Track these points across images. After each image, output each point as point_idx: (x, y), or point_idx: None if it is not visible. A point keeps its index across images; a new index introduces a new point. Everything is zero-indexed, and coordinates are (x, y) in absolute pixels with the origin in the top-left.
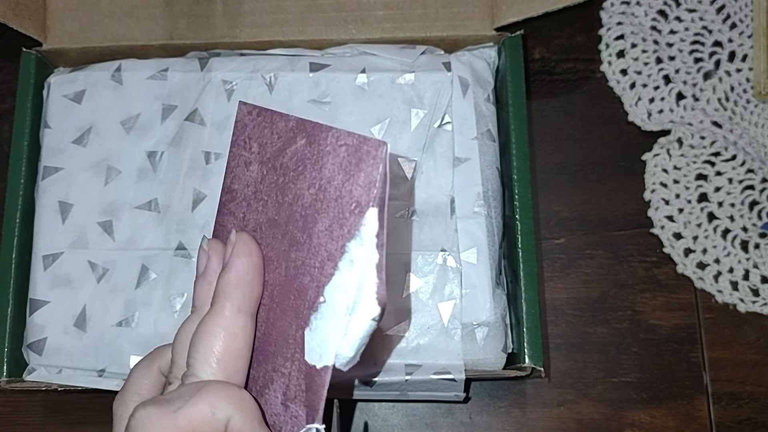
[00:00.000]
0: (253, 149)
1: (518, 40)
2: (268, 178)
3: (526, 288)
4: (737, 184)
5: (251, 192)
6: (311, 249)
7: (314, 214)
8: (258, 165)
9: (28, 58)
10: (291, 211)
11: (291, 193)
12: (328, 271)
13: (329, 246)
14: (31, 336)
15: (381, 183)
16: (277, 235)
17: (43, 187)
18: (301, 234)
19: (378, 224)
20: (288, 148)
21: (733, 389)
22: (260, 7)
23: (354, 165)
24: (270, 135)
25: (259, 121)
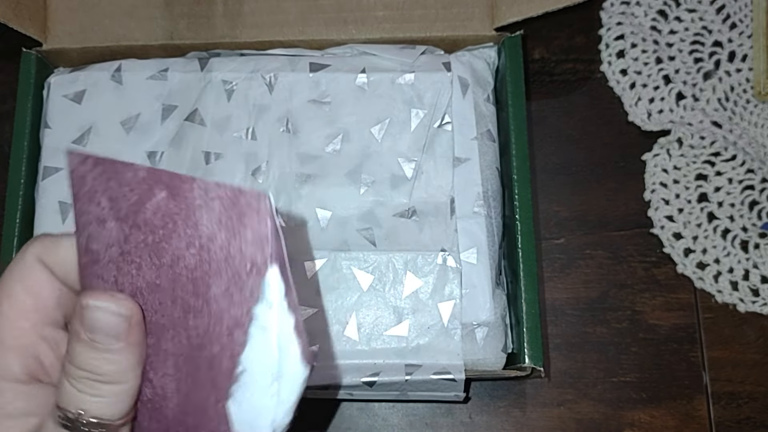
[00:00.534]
0: (102, 204)
1: (518, 41)
2: (134, 237)
3: (526, 288)
4: (737, 184)
5: (117, 253)
6: (212, 315)
7: (203, 276)
8: (115, 222)
9: (29, 58)
10: (174, 274)
11: (168, 254)
12: (239, 339)
13: (232, 311)
14: None
15: (274, 238)
16: (165, 300)
17: (44, 187)
18: (195, 299)
19: (284, 283)
20: (147, 202)
21: (732, 389)
22: (260, 8)
23: (236, 221)
24: (119, 188)
25: (101, 172)
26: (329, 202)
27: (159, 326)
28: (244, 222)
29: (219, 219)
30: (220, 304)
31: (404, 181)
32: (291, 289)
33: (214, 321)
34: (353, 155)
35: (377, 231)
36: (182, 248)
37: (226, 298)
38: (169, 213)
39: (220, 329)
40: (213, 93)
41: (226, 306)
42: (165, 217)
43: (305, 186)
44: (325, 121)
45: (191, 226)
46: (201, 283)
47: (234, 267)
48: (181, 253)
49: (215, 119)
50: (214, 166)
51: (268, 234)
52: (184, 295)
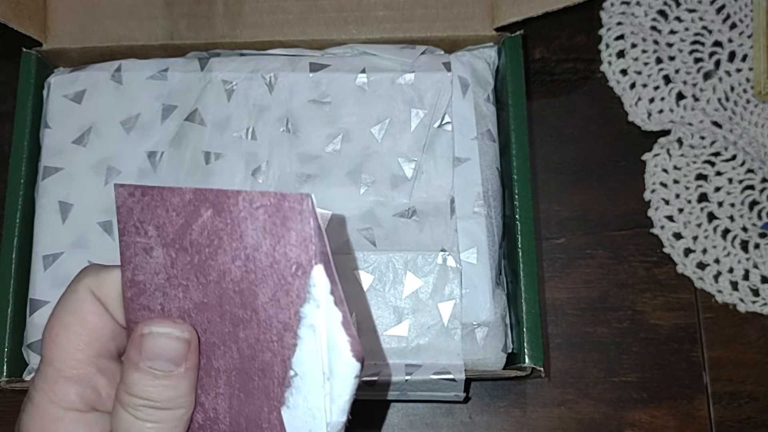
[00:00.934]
0: (149, 233)
1: (518, 40)
2: (180, 260)
3: (526, 288)
4: (737, 184)
5: (163, 279)
6: (261, 324)
7: (250, 287)
8: (162, 249)
9: (29, 58)
10: (221, 289)
11: (214, 271)
12: (290, 343)
13: (281, 316)
14: (31, 336)
15: (317, 237)
16: (214, 317)
17: (44, 187)
18: (243, 311)
19: (329, 280)
20: (193, 224)
21: (733, 389)
22: (261, 8)
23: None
24: (166, 214)
25: (147, 201)
26: (329, 202)
27: (209, 345)
28: (287, 225)
29: (264, 227)
30: (268, 311)
31: (404, 181)
32: (336, 285)
33: (263, 329)
34: (353, 155)
35: (377, 231)
36: (228, 262)
37: (274, 304)
38: (215, 230)
39: (270, 336)
40: (213, 93)
41: (274, 312)
42: (211, 235)
43: (305, 186)
44: (325, 121)
45: (236, 239)
46: (248, 293)
47: (279, 272)
48: (226, 267)
49: (215, 119)
50: (214, 166)
51: (311, 233)
52: (232, 308)
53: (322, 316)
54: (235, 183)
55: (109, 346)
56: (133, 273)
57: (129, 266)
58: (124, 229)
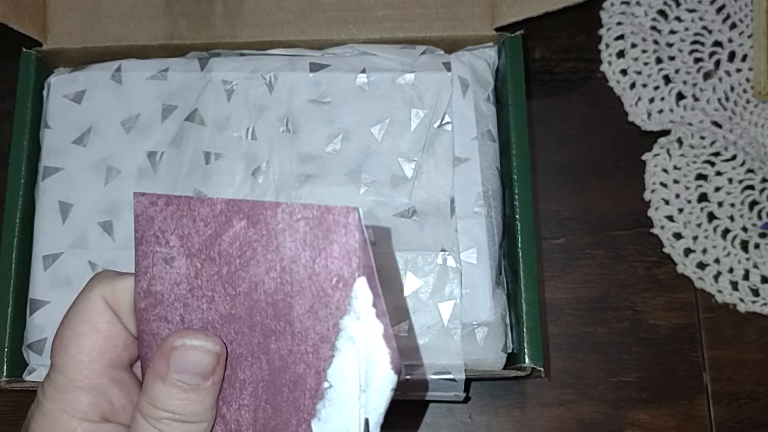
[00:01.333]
0: (171, 243)
1: (518, 40)
2: (206, 271)
3: (526, 288)
4: (737, 184)
5: (185, 290)
6: (296, 335)
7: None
8: (185, 259)
9: (28, 58)
10: (251, 300)
11: (244, 282)
12: (326, 354)
13: (318, 328)
14: (31, 336)
15: (362, 250)
16: (242, 329)
17: (43, 187)
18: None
19: (372, 293)
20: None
21: (733, 389)
22: (260, 7)
23: (322, 238)
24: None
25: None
26: (329, 202)
27: (235, 356)
28: (330, 238)
29: (304, 239)
30: (304, 322)
31: (404, 181)
32: (379, 297)
33: (297, 341)
34: (353, 155)
35: (377, 231)
36: (261, 273)
37: (311, 316)
38: (248, 241)
39: (305, 347)
40: (213, 93)
41: (310, 324)
42: (243, 246)
43: (305, 186)
44: (325, 121)
45: (272, 251)
46: (282, 305)
47: (319, 284)
48: (259, 278)
49: (215, 119)
50: (214, 166)
51: (356, 246)
52: (264, 319)
53: (363, 328)
54: (235, 183)
55: (121, 356)
56: (150, 283)
57: (145, 276)
58: (142, 238)
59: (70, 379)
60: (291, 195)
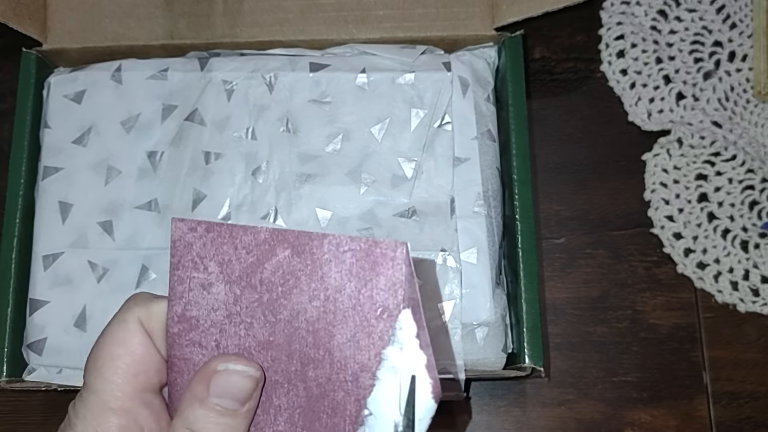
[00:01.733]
0: (210, 269)
1: (518, 40)
2: (246, 298)
3: (526, 288)
4: (737, 184)
5: (222, 316)
6: (335, 364)
7: (326, 327)
8: (224, 285)
9: (29, 57)
10: (291, 328)
11: (285, 310)
12: (366, 383)
13: (359, 357)
14: (31, 336)
15: (408, 283)
16: (279, 356)
17: (43, 187)
18: (316, 351)
19: (416, 325)
20: (266, 262)
21: (733, 388)
22: (260, 7)
23: (368, 270)
24: (233, 251)
25: (212, 238)
26: (329, 201)
27: (271, 383)
28: (377, 270)
29: (350, 270)
30: (344, 351)
31: (404, 181)
32: (423, 329)
33: (337, 369)
34: (353, 155)
35: (377, 231)
36: (304, 302)
37: (352, 345)
38: (291, 270)
39: (344, 376)
40: (213, 93)
41: (351, 353)
42: (286, 275)
43: (305, 186)
44: (326, 121)
45: (316, 280)
46: (323, 333)
47: (362, 314)
48: (302, 307)
49: (215, 119)
50: (214, 165)
51: (402, 279)
52: (303, 348)
53: (406, 359)
54: (235, 183)
55: (153, 379)
56: (185, 308)
57: (180, 301)
58: (178, 263)
59: (102, 401)
60: (291, 195)
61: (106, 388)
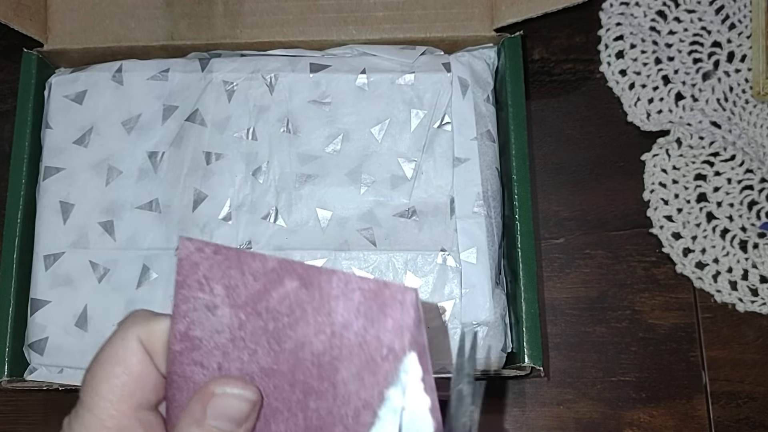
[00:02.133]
0: (216, 291)
1: (518, 41)
2: (251, 324)
3: (525, 288)
4: (736, 184)
5: (226, 339)
6: (338, 398)
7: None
8: (230, 309)
9: (29, 58)
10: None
11: (291, 340)
12: (366, 420)
13: (362, 394)
14: (32, 335)
15: (415, 327)
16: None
17: (45, 187)
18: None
19: (422, 368)
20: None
21: (731, 389)
22: (261, 8)
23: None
24: (240, 276)
25: (219, 260)
26: (329, 202)
27: (271, 409)
28: (385, 312)
29: (357, 308)
30: (349, 386)
31: (404, 181)
32: (429, 373)
33: (339, 403)
34: (353, 155)
35: (377, 231)
36: (309, 334)
37: (357, 381)
38: (299, 302)
39: (346, 411)
40: (213, 93)
41: (355, 389)
42: (293, 306)
43: (305, 186)
44: (326, 122)
45: (323, 315)
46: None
47: (368, 352)
48: (308, 339)
49: (216, 119)
50: (214, 166)
51: (410, 324)
52: (307, 378)
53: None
54: (235, 183)
55: (150, 397)
56: (188, 327)
57: (183, 320)
58: (183, 282)
59: (98, 419)
60: (291, 195)
61: (102, 406)
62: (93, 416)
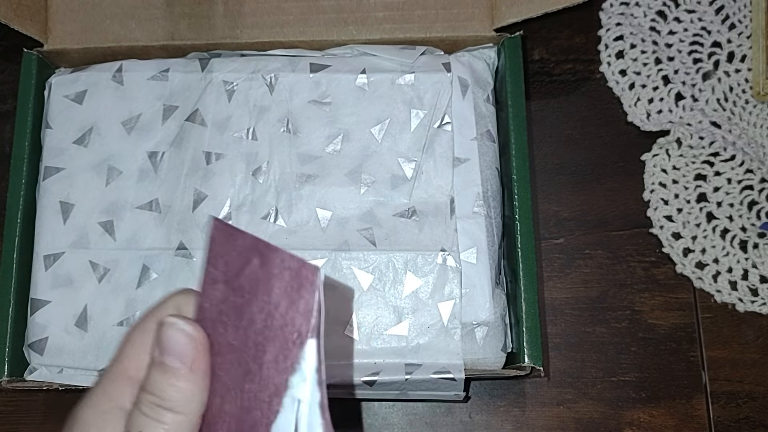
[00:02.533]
0: (219, 267)
1: (518, 41)
2: (230, 300)
3: (525, 288)
4: (736, 184)
5: (216, 313)
6: (261, 381)
7: (264, 342)
8: (223, 284)
9: (30, 58)
10: (245, 336)
11: (246, 318)
12: (275, 408)
13: (276, 379)
14: (32, 335)
15: (317, 311)
16: (234, 361)
17: (45, 187)
18: (254, 363)
19: (317, 358)
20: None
21: (731, 388)
22: (261, 8)
23: (296, 290)
24: (233, 253)
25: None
26: (329, 202)
27: (225, 387)
28: (300, 293)
29: (285, 288)
30: (270, 370)
31: (404, 181)
32: (322, 365)
33: (261, 386)
34: (353, 155)
35: (377, 231)
36: (255, 312)
37: (275, 365)
38: (256, 279)
39: (264, 395)
40: (214, 93)
41: (272, 373)
42: (252, 283)
43: (305, 186)
44: (326, 122)
45: (266, 293)
46: (260, 348)
47: (285, 335)
48: (254, 317)
49: (216, 119)
50: (214, 166)
51: (314, 306)
52: (247, 358)
53: (306, 392)
54: (235, 183)
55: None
56: (203, 299)
57: (202, 291)
58: (207, 258)
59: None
60: (291, 195)
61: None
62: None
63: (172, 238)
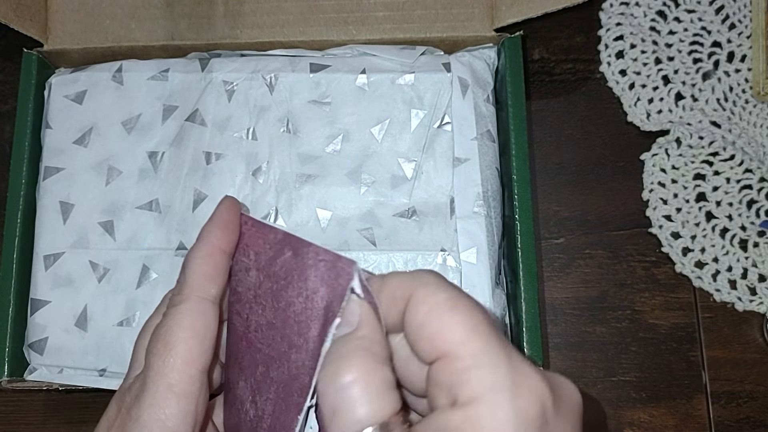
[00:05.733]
0: (250, 256)
1: (518, 41)
2: (265, 285)
3: (525, 288)
4: (735, 184)
5: (252, 296)
6: (309, 352)
7: (307, 320)
8: (256, 271)
9: (30, 58)
10: (285, 316)
11: (284, 300)
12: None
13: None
14: (32, 336)
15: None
16: (276, 337)
17: (45, 187)
18: (299, 338)
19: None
20: (278, 258)
21: (731, 388)
22: (261, 8)
23: (334, 279)
24: (263, 245)
25: (253, 231)
26: (329, 202)
27: (270, 357)
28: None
29: (322, 277)
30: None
31: (404, 181)
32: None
33: (309, 357)
34: (353, 155)
35: (377, 231)
36: (293, 296)
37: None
38: (290, 268)
39: (313, 364)
40: (214, 93)
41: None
42: (286, 271)
43: (305, 186)
44: (326, 122)
45: (302, 280)
46: (304, 325)
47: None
48: (292, 300)
49: (216, 119)
50: (214, 166)
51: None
52: (290, 333)
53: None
54: (235, 183)
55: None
56: (236, 284)
57: (235, 278)
58: (237, 247)
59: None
60: (291, 195)
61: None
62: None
63: (172, 238)
